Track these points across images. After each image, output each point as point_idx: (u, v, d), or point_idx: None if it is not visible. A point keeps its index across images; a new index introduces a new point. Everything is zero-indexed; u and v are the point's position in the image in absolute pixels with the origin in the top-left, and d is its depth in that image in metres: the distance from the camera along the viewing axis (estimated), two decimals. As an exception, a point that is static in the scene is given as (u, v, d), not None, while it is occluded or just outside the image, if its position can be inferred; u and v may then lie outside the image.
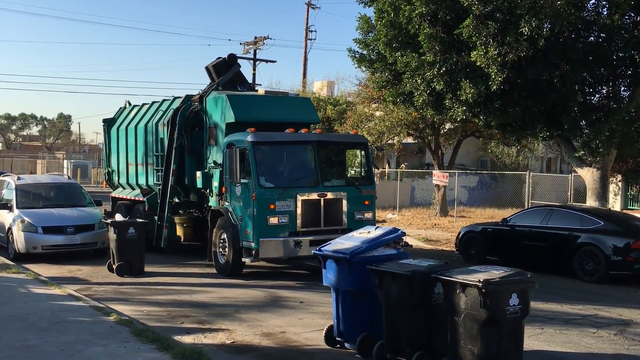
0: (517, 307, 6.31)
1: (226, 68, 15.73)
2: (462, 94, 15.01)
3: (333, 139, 15.63)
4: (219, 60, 15.88)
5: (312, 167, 12.93)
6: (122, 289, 11.79)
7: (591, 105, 16.53)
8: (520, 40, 13.87)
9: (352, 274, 7.59)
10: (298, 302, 10.77)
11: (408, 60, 15.95)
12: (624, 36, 14.42)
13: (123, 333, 8.24)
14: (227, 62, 15.84)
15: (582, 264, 13.29)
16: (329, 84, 43.22)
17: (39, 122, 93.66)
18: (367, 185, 13.47)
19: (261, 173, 12.42)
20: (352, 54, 18.55)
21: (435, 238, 19.79)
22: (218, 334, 8.72)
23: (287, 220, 12.33)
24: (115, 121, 18.50)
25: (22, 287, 11.27)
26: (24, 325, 8.60)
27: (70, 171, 47.68)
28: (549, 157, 36.57)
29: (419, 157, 35.36)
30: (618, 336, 9.02)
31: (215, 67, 15.72)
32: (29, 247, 14.61)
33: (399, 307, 7.07)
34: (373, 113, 27.79)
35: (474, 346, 6.33)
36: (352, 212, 12.87)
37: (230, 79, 15.59)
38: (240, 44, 45.35)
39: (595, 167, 16.33)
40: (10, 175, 18.72)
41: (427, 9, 15.13)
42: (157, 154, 15.62)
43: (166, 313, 9.95)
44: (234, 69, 15.79)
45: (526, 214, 15.23)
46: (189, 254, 15.29)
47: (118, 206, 17.63)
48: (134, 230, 13.09)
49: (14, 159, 61.40)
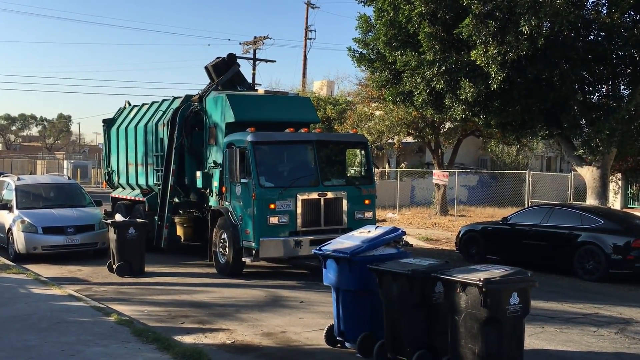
0: (518, 306, 6.31)
1: (226, 68, 15.71)
2: (462, 93, 15.01)
3: (333, 138, 15.62)
4: (219, 60, 15.87)
5: (312, 166, 12.90)
6: (122, 289, 11.79)
7: (591, 104, 16.53)
8: (520, 39, 13.87)
9: (353, 274, 7.59)
10: (298, 302, 10.77)
11: (408, 59, 15.95)
12: (623, 35, 14.43)
13: (123, 333, 8.24)
14: (227, 62, 15.82)
15: (582, 263, 13.29)
16: (328, 84, 43.25)
17: (39, 123, 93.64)
18: (367, 184, 13.43)
19: (261, 173, 12.40)
20: (351, 54, 18.55)
21: (436, 237, 19.79)
22: (218, 333, 8.72)
23: (287, 220, 12.30)
24: (115, 121, 18.49)
25: (22, 287, 11.27)
26: (25, 325, 8.60)
27: (70, 171, 47.65)
28: (549, 156, 36.59)
29: (419, 157, 35.37)
30: (619, 335, 9.02)
31: (215, 67, 15.71)
32: (29, 247, 14.61)
33: (399, 306, 7.07)
34: (373, 112, 27.80)
35: (475, 345, 6.33)
36: (352, 212, 12.85)
37: (229, 79, 15.57)
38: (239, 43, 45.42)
39: (595, 166, 16.33)
40: (10, 176, 18.71)
41: (427, 8, 15.13)
42: (157, 154, 15.61)
43: (166, 313, 9.95)
44: (233, 68, 15.77)
45: (526, 213, 15.22)
46: (189, 253, 15.29)
47: (118, 206, 17.61)
48: (134, 231, 13.08)
49: (14, 159, 61.36)
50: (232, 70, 15.75)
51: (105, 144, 19.04)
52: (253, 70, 42.50)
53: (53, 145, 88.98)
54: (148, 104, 17.31)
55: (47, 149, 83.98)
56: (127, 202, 17.36)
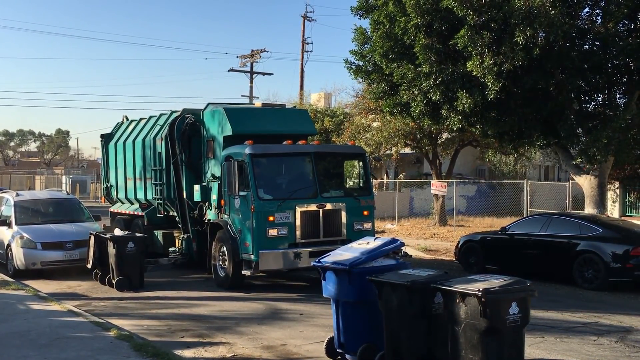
0: (517, 315, 6.31)
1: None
2: (459, 104, 15.07)
3: (331, 149, 15.56)
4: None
5: (310, 178, 12.91)
6: (121, 304, 11.77)
7: (587, 113, 16.60)
8: (515, 49, 13.94)
9: (352, 285, 7.59)
10: (298, 314, 10.76)
11: (404, 71, 16.01)
12: (618, 44, 14.51)
13: (123, 348, 8.23)
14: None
15: (581, 272, 13.29)
16: (326, 96, 43.35)
17: (37, 138, 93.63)
18: (366, 195, 13.41)
19: (260, 185, 12.40)
20: (348, 66, 18.61)
21: (435, 248, 19.78)
22: (218, 347, 8.70)
23: (286, 232, 12.30)
24: (113, 136, 18.48)
25: (21, 303, 11.25)
26: (24, 342, 8.58)
27: (69, 186, 47.65)
28: (547, 165, 36.63)
29: (417, 167, 35.44)
30: (619, 343, 9.01)
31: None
32: (29, 263, 14.59)
33: (399, 317, 7.06)
34: (370, 124, 27.88)
35: (475, 356, 6.33)
36: (351, 223, 12.83)
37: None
38: (237, 57, 45.56)
39: (593, 175, 16.38)
40: (9, 192, 18.70)
41: (423, 20, 15.22)
42: (156, 168, 15.58)
43: (166, 327, 9.93)
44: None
45: (525, 222, 15.24)
46: (187, 267, 15.25)
47: (117, 221, 17.58)
48: (133, 245, 13.08)
49: (13, 175, 61.34)
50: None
51: (104, 159, 19.02)
52: (250, 83, 42.70)
53: (52, 161, 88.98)
54: (146, 119, 17.31)
55: (45, 164, 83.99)
56: (126, 216, 17.36)
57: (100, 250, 13.52)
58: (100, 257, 13.55)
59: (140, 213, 16.26)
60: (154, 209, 15.75)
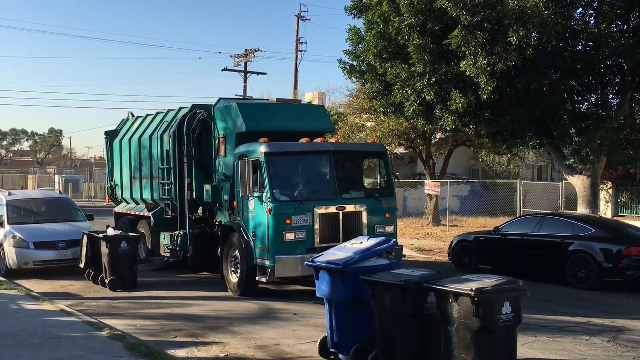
0: (510, 315, 6.33)
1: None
2: (452, 104, 15.09)
3: (350, 148, 14.69)
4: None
5: (329, 178, 12.15)
6: (114, 304, 11.73)
7: (580, 113, 16.66)
8: (508, 49, 13.98)
9: (345, 285, 7.59)
10: (291, 314, 10.75)
11: (398, 71, 16.03)
12: (611, 44, 14.57)
13: (116, 348, 8.21)
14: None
15: (574, 271, 13.34)
16: (320, 96, 43.30)
17: (30, 137, 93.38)
18: (387, 196, 12.59)
19: (276, 186, 11.64)
20: (342, 65, 18.61)
21: (428, 247, 19.81)
22: (211, 347, 8.69)
23: (304, 236, 11.51)
24: (118, 133, 17.68)
25: (13, 303, 11.21)
26: (16, 342, 8.55)
27: (62, 186, 47.43)
28: (540, 165, 36.76)
29: (410, 167, 35.45)
30: (611, 343, 9.05)
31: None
32: (21, 263, 14.53)
33: (392, 317, 7.07)
34: (364, 124, 27.90)
35: (468, 355, 6.34)
36: (372, 226, 12.03)
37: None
38: (230, 56, 45.38)
39: (586, 175, 16.43)
40: (1, 191, 18.59)
41: (416, 19, 15.24)
42: (163, 166, 14.90)
43: (159, 327, 9.91)
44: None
45: (518, 222, 15.28)
46: (183, 267, 15.18)
47: (122, 222, 16.96)
48: (126, 245, 13.03)
49: (5, 174, 61.11)
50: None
51: (108, 157, 18.24)
52: (244, 82, 42.59)
53: (44, 160, 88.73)
54: (152, 115, 16.48)
55: (38, 163, 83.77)
56: (131, 217, 16.75)
57: (93, 249, 13.46)
58: (93, 256, 13.50)
59: (146, 214, 15.65)
60: (161, 209, 15.14)
